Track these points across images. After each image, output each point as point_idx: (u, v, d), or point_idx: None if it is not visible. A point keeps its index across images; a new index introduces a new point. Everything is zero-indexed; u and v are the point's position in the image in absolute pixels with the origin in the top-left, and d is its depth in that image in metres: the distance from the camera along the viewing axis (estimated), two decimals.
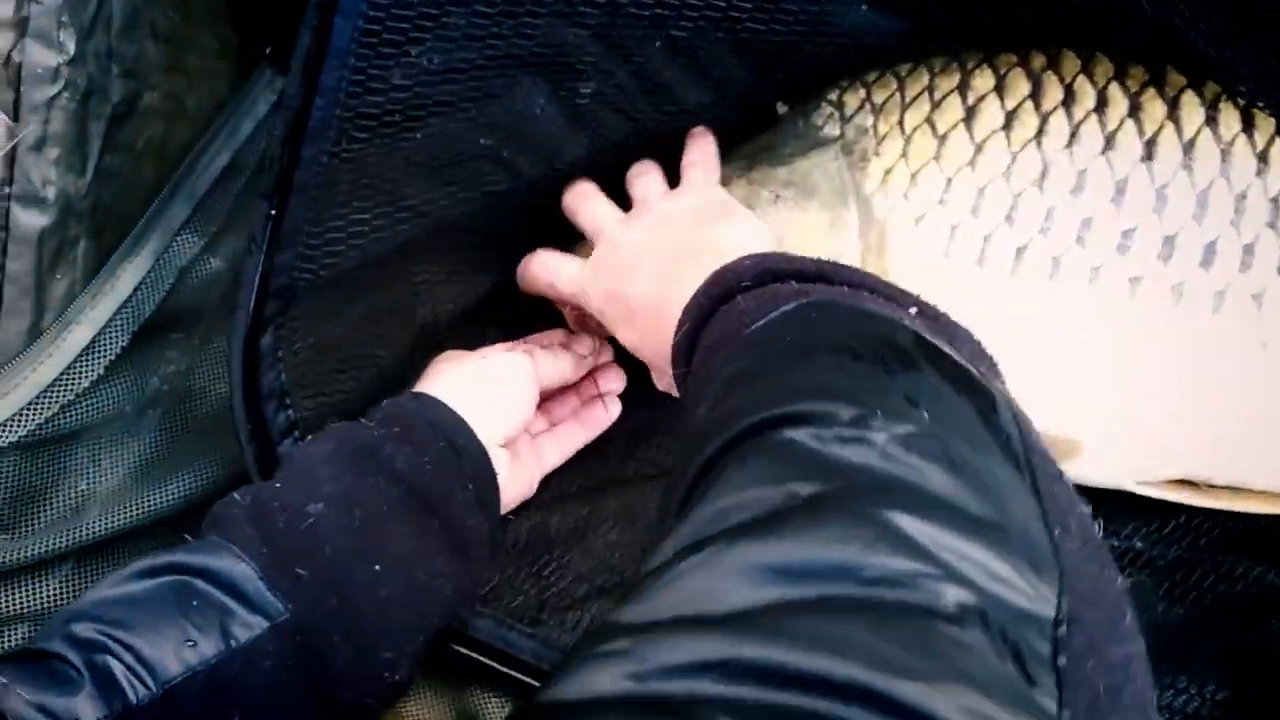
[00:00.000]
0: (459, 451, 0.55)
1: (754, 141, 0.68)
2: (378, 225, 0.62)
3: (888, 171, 0.63)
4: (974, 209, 0.62)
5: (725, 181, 0.64)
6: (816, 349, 0.39)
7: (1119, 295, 0.61)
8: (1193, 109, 0.62)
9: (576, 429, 0.68)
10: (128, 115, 0.61)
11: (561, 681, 0.27)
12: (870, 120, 0.64)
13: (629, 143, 0.69)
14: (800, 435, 0.33)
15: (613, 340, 0.65)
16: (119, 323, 0.61)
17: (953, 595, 0.27)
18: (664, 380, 0.61)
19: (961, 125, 0.63)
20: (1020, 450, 0.35)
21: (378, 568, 0.50)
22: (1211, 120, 0.62)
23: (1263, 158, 0.61)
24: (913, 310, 0.44)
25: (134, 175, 0.62)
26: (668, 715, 0.25)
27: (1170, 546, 0.65)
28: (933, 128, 0.63)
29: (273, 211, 0.56)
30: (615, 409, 0.69)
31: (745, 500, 0.32)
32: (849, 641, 0.26)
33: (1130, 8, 0.59)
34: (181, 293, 0.65)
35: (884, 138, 0.63)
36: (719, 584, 0.28)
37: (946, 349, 0.40)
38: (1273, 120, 0.62)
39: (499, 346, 0.64)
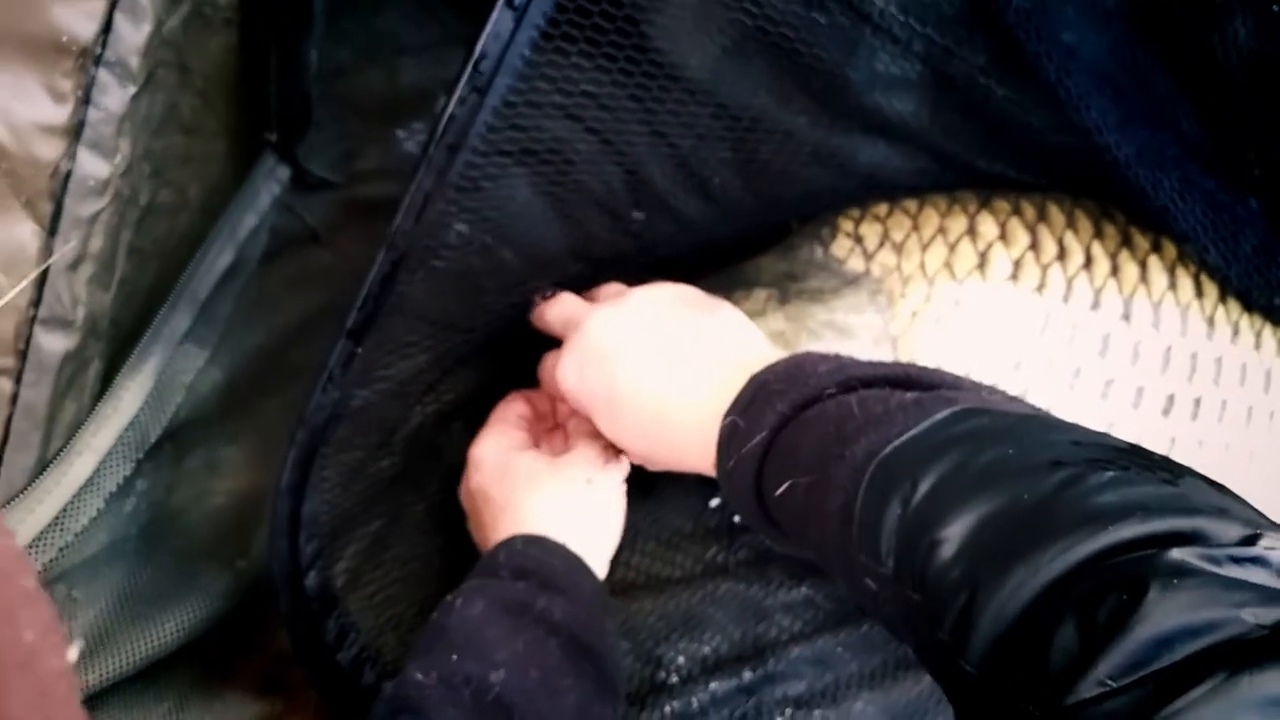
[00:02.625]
0: (594, 592, 0.56)
1: (764, 266, 0.69)
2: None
3: (914, 314, 0.66)
4: (986, 356, 0.66)
5: (757, 307, 0.65)
6: (1067, 464, 0.36)
7: None
8: (1158, 271, 0.70)
9: None
10: (145, 216, 0.54)
11: None
12: (894, 260, 0.67)
13: (624, 249, 0.69)
14: (1194, 557, 0.31)
15: None
16: (121, 450, 0.55)
17: None
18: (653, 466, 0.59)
19: (977, 271, 0.67)
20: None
21: None
22: (1172, 286, 0.70)
23: (1210, 321, 0.70)
24: (1016, 405, 0.44)
25: (139, 280, 0.56)
26: None
27: None
28: (951, 272, 0.67)
29: (359, 350, 0.52)
30: None
31: (1193, 627, 0.29)
32: None
33: (1111, 171, 0.65)
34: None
35: (909, 279, 0.66)
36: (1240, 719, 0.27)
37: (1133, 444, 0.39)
38: (1216, 285, 0.70)
39: (589, 453, 0.60)
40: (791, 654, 0.68)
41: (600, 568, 0.60)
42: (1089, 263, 0.69)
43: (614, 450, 0.60)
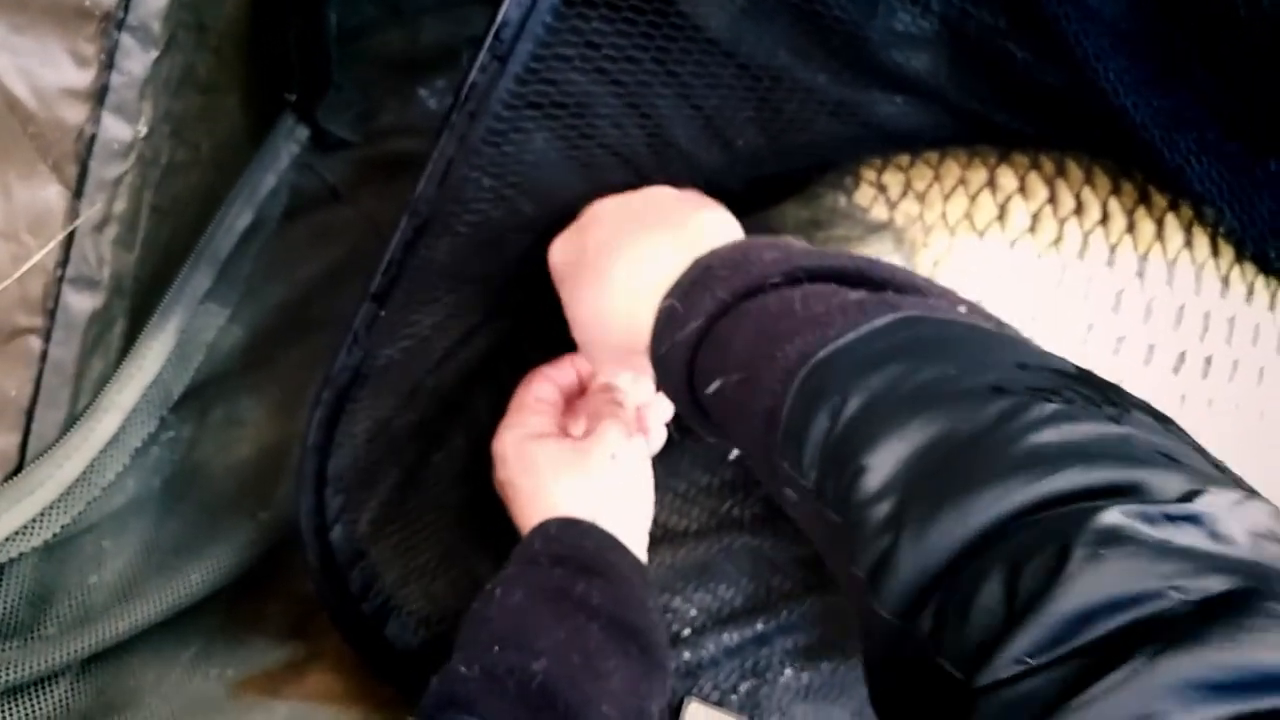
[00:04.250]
0: (631, 569, 0.56)
1: (788, 213, 0.69)
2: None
3: (936, 264, 0.66)
4: (1003, 308, 0.66)
5: None
6: (1008, 391, 0.34)
7: None
8: (1174, 229, 0.70)
9: None
10: (165, 175, 0.54)
11: None
12: (917, 209, 0.67)
13: None
14: (1131, 519, 0.29)
15: None
16: (146, 407, 0.56)
17: None
18: (604, 360, 0.56)
19: (996, 224, 0.67)
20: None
21: (604, 708, 0.50)
22: (1188, 244, 0.70)
23: (1225, 280, 0.70)
24: (963, 308, 0.41)
25: (158, 237, 0.56)
26: None
27: None
28: (972, 223, 0.67)
29: (382, 312, 0.52)
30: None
31: (1117, 600, 0.27)
32: None
33: (1129, 132, 0.65)
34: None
35: (931, 228, 0.66)
36: (1157, 706, 0.25)
37: (1078, 367, 0.37)
38: (1232, 246, 0.70)
39: (611, 429, 0.61)
40: (803, 606, 0.69)
41: (637, 542, 0.60)
42: (1105, 219, 0.69)
43: (634, 425, 0.61)
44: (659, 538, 0.71)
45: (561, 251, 0.57)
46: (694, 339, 0.44)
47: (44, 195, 0.47)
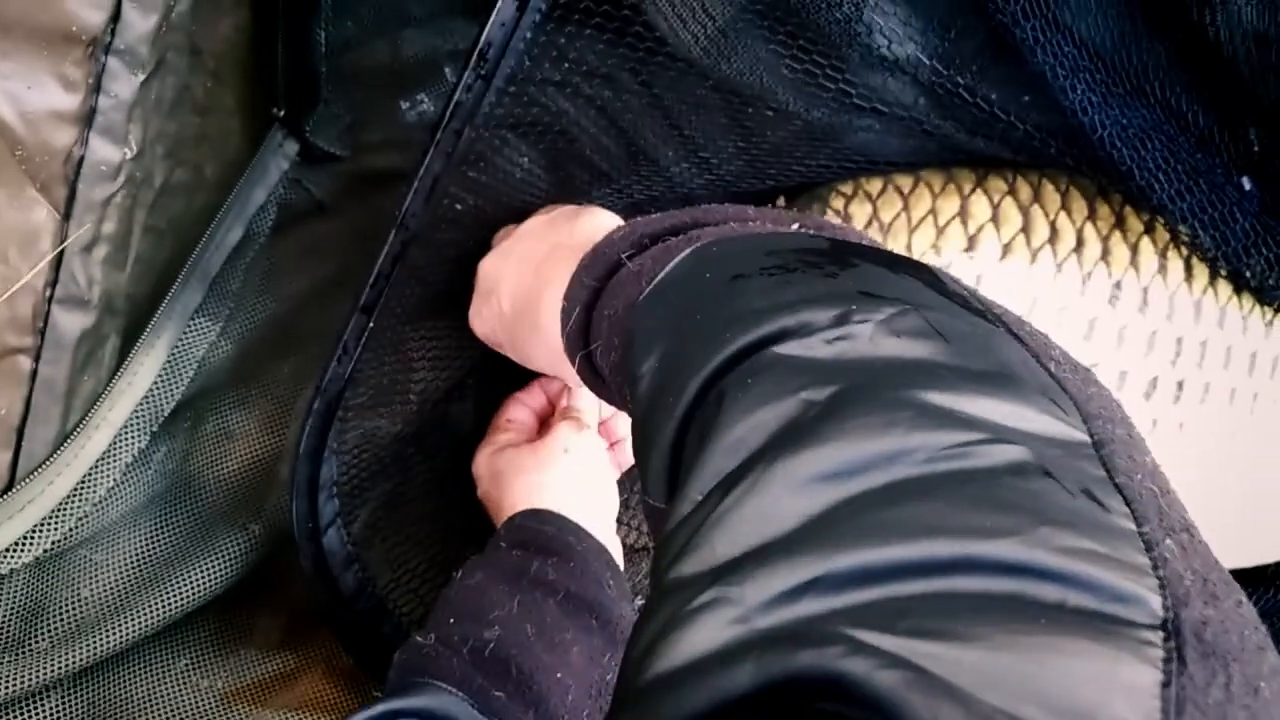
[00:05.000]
0: (589, 551, 0.57)
1: None
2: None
3: None
4: None
5: None
6: (744, 275, 0.37)
7: None
8: (1149, 256, 0.70)
9: None
10: (160, 196, 0.55)
11: (662, 652, 0.25)
12: (880, 241, 0.68)
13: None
14: (788, 349, 0.32)
15: None
16: (136, 424, 0.56)
17: (1004, 452, 0.27)
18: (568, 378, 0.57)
19: (964, 255, 0.68)
20: (982, 305, 0.35)
21: (559, 675, 0.51)
22: (1162, 269, 0.70)
23: (1197, 306, 0.70)
24: (795, 226, 0.43)
25: (156, 257, 0.57)
26: (795, 644, 0.24)
27: None
28: (938, 254, 0.68)
29: (371, 324, 0.54)
30: None
31: (761, 422, 0.30)
32: (932, 521, 0.25)
33: (1099, 150, 0.66)
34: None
35: None
36: (775, 507, 0.27)
37: (857, 241, 0.39)
38: (1206, 269, 0.71)
39: (564, 427, 0.63)
40: None
41: (600, 528, 0.61)
42: (1080, 245, 0.69)
43: (584, 423, 0.63)
44: (644, 547, 0.72)
45: (482, 323, 0.58)
46: (582, 329, 0.46)
47: (33, 217, 0.48)
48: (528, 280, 0.54)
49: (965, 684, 0.22)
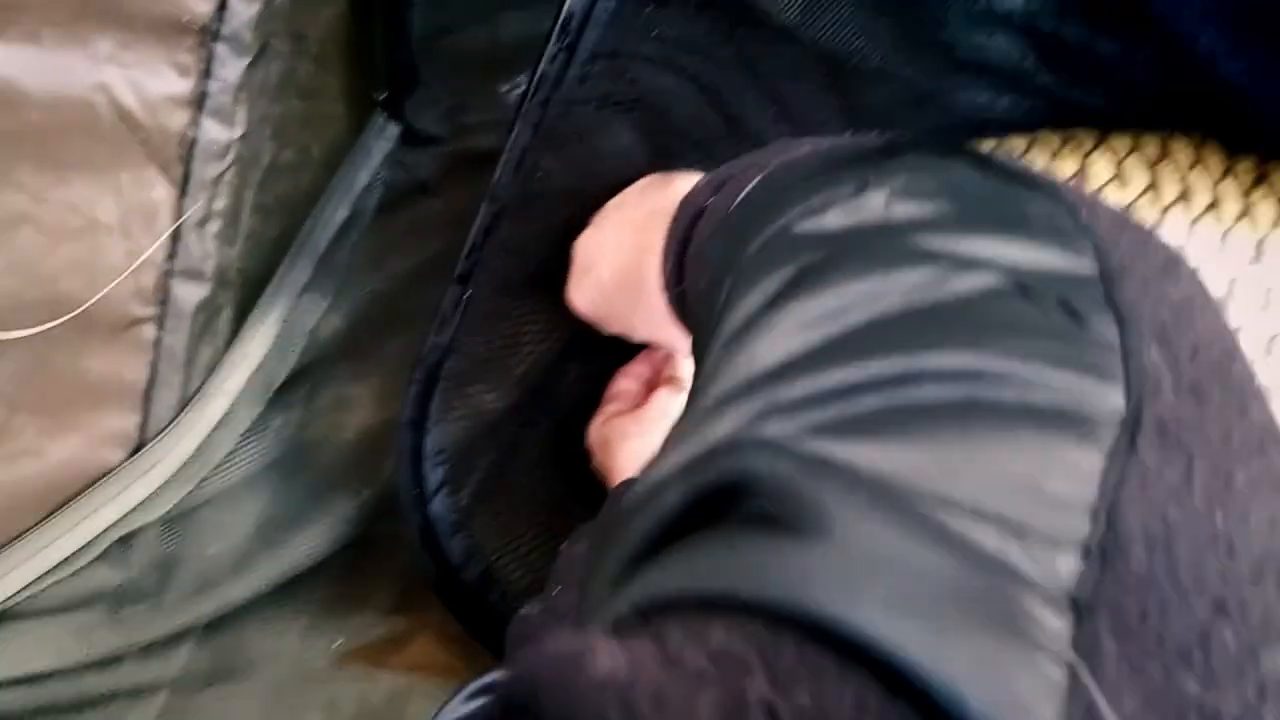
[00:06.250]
0: None
1: None
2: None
3: None
4: None
5: None
6: (793, 184, 0.37)
7: None
8: None
9: None
10: (268, 175, 0.58)
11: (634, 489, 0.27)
12: None
13: None
14: (803, 226, 0.32)
15: None
16: (251, 392, 0.60)
17: (980, 279, 0.27)
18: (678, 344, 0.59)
19: None
20: (1026, 175, 0.33)
21: None
22: None
23: None
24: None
25: (265, 233, 0.60)
26: (713, 458, 0.24)
27: None
28: None
29: (469, 293, 0.56)
30: None
31: (765, 289, 0.31)
32: (888, 341, 0.26)
33: (1230, 103, 0.62)
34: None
35: None
36: (758, 355, 0.28)
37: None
38: None
39: (663, 392, 0.64)
40: None
41: None
42: (1215, 204, 0.66)
43: (683, 383, 0.64)
44: None
45: (583, 296, 0.60)
46: (674, 279, 0.48)
47: (153, 195, 0.51)
48: (626, 248, 0.55)
49: (884, 472, 0.22)
